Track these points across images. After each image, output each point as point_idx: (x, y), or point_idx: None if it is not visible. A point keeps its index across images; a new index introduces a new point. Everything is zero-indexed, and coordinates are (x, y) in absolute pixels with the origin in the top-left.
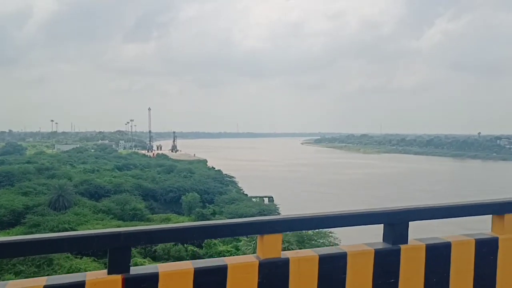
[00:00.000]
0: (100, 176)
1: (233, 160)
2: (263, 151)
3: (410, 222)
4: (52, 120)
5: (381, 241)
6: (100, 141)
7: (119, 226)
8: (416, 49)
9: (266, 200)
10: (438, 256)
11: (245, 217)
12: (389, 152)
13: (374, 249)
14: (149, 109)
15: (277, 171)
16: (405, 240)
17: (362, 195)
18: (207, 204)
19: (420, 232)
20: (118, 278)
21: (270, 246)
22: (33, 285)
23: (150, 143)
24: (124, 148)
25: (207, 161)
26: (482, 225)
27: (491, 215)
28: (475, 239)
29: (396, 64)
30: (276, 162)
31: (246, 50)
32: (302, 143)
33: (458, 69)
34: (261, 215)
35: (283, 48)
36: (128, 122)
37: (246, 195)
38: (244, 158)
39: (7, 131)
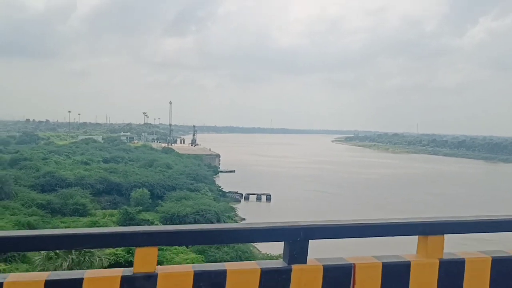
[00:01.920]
0: (73, 168)
1: (256, 155)
2: (291, 148)
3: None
4: (79, 114)
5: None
6: (122, 133)
7: (20, 223)
8: (459, 47)
9: (263, 197)
10: (451, 272)
11: (176, 216)
12: (418, 152)
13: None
14: (170, 102)
15: (296, 167)
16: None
17: (363, 196)
18: (159, 201)
19: None
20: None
21: None
22: (34, 280)
23: (170, 136)
24: (147, 140)
25: (219, 156)
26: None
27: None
28: (492, 257)
29: (437, 62)
30: (300, 159)
31: (284, 46)
32: (332, 141)
33: (501, 69)
34: (197, 214)
35: (320, 44)
36: (156, 118)
37: (222, 191)
38: (269, 154)
39: (44, 120)
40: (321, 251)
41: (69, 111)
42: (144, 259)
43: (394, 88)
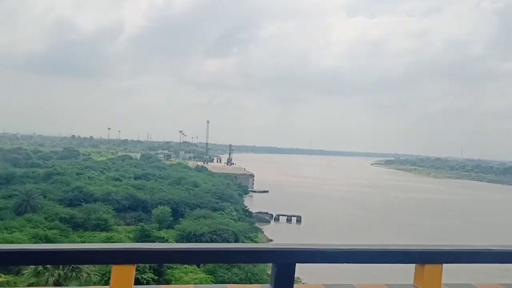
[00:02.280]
0: (102, 184)
1: (292, 176)
2: (329, 169)
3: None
4: (119, 131)
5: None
6: (160, 150)
7: (38, 236)
8: (507, 72)
9: (294, 219)
10: None
11: (193, 234)
12: (461, 178)
13: None
14: (208, 122)
15: (332, 190)
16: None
17: (396, 221)
18: (180, 219)
19: None
20: None
21: None
22: None
23: (206, 155)
24: (184, 158)
25: (253, 176)
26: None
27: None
28: None
29: (484, 86)
30: (337, 181)
31: (325, 67)
32: (372, 164)
33: None
34: (214, 234)
35: (362, 66)
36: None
37: (248, 212)
38: (305, 175)
39: (88, 137)
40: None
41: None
42: (121, 277)
43: (438, 112)
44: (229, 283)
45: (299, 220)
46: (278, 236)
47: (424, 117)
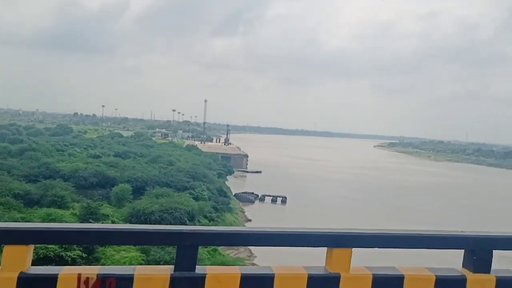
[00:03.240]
0: (75, 161)
1: (292, 158)
2: (331, 151)
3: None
4: (115, 109)
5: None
6: (157, 129)
7: None
8: None
9: (279, 200)
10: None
11: (142, 212)
12: (461, 161)
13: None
14: (205, 101)
15: (330, 171)
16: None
17: (387, 204)
18: (141, 197)
19: None
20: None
21: None
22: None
23: (204, 135)
24: (182, 137)
25: (247, 156)
26: None
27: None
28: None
29: (493, 70)
30: (336, 163)
31: (332, 49)
32: (375, 146)
33: None
34: (165, 212)
35: (371, 49)
36: (194, 116)
37: (223, 191)
38: (306, 157)
39: (91, 115)
40: None
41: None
42: (13, 258)
43: (445, 95)
44: (161, 261)
45: (284, 201)
46: (257, 217)
47: (432, 100)
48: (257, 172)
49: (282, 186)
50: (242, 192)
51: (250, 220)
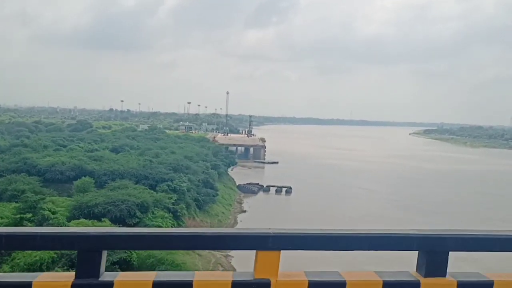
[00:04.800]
0: (65, 156)
1: (321, 148)
2: (364, 140)
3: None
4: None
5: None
6: (181, 122)
7: None
8: None
9: (284, 190)
10: None
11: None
12: (498, 147)
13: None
14: (227, 93)
15: (356, 161)
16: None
17: (402, 196)
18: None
19: None
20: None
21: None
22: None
23: (226, 127)
24: (206, 130)
25: (265, 147)
26: None
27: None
28: None
29: None
30: (366, 152)
31: (369, 35)
32: (410, 134)
33: None
34: (111, 205)
35: (408, 33)
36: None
37: (208, 182)
38: (336, 146)
39: (126, 110)
40: None
41: (122, 101)
42: None
43: (488, 79)
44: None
45: (288, 191)
46: (253, 208)
47: (473, 84)
48: (273, 163)
49: (296, 177)
50: (246, 183)
51: (245, 211)
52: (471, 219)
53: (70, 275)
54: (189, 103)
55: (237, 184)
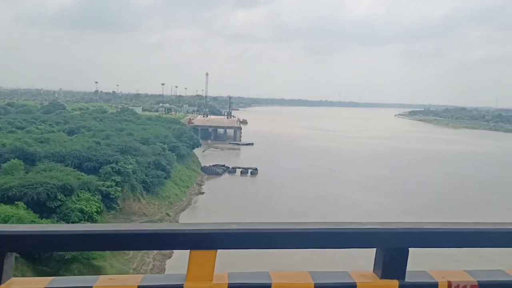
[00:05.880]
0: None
1: (306, 129)
2: (350, 121)
3: None
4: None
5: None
6: (161, 104)
7: None
8: None
9: (249, 172)
10: None
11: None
12: (478, 128)
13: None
14: (207, 74)
15: (335, 141)
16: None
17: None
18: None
19: None
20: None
21: None
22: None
23: (205, 108)
24: (187, 112)
25: (240, 129)
26: None
27: None
28: None
29: None
30: (349, 133)
31: (358, 16)
32: (395, 115)
33: None
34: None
35: (399, 14)
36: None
37: (158, 164)
38: (320, 127)
39: (111, 92)
40: None
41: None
42: None
43: (476, 59)
44: None
45: (253, 173)
46: (212, 190)
47: (462, 65)
48: (248, 144)
49: (268, 159)
50: (212, 165)
51: (203, 193)
52: (430, 200)
53: None
54: (176, 87)
55: (201, 166)
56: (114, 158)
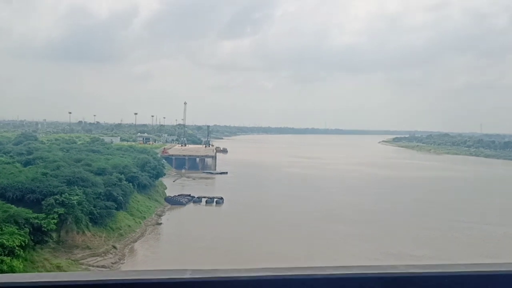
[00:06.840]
0: None
1: (287, 156)
2: (335, 148)
3: None
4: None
5: None
6: (139, 134)
7: None
8: None
9: (215, 201)
10: None
11: None
12: (459, 153)
13: None
14: (185, 103)
15: (315, 169)
16: None
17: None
18: None
19: None
20: None
21: None
22: None
23: (183, 137)
24: (166, 141)
25: (215, 158)
26: None
27: None
28: None
29: (509, 57)
30: (331, 160)
31: (343, 45)
32: (379, 142)
33: None
34: None
35: (381, 42)
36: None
37: (105, 195)
38: (302, 155)
39: (95, 122)
40: None
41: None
42: None
43: (460, 87)
44: None
45: (218, 202)
46: (171, 221)
47: (446, 92)
48: (222, 173)
49: (238, 188)
50: (176, 195)
51: (160, 224)
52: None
53: None
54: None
55: (166, 196)
56: (59, 189)
